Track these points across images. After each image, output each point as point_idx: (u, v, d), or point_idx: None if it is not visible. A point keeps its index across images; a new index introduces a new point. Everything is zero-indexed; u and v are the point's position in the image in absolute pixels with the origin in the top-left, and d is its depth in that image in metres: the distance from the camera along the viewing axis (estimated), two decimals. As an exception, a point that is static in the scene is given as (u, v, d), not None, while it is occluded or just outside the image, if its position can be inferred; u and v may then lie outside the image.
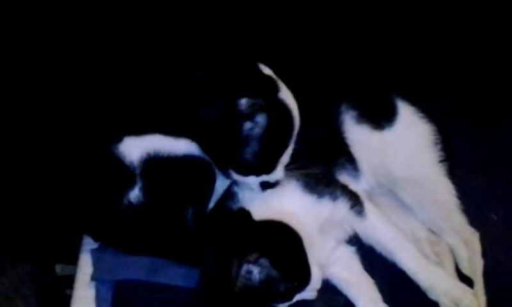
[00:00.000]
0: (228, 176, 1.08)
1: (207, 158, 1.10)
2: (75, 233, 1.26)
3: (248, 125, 1.01)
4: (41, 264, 1.72)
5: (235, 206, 1.08)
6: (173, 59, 1.12)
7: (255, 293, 0.99)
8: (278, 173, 1.06)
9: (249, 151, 1.02)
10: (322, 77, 1.28)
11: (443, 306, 1.06)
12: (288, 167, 1.09)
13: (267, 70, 1.07)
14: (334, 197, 1.11)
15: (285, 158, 1.07)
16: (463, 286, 1.07)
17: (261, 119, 1.01)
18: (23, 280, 1.71)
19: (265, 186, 1.06)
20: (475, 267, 1.14)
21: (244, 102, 0.99)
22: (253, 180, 1.06)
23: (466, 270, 1.15)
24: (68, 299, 1.20)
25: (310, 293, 1.04)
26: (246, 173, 1.05)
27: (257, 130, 1.01)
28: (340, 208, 1.11)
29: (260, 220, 1.04)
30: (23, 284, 1.71)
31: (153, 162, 1.09)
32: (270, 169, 1.05)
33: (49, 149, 1.27)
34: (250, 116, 1.00)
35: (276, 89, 1.04)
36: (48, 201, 1.34)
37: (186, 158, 1.10)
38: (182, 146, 1.10)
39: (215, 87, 1.03)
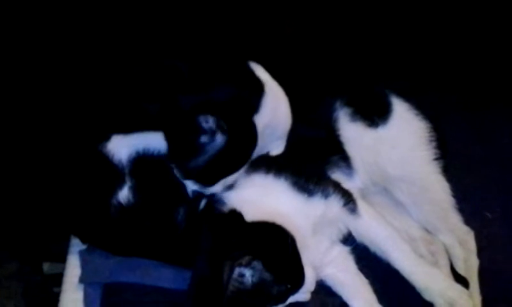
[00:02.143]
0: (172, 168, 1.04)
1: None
2: (63, 231, 1.24)
3: (204, 138, 0.98)
4: (28, 262, 1.70)
5: (226, 208, 1.05)
6: (160, 55, 1.09)
7: (247, 296, 0.97)
8: (216, 188, 1.04)
9: (198, 160, 0.99)
10: (316, 74, 1.26)
11: (438, 306, 1.04)
12: (277, 165, 1.07)
13: (258, 69, 1.05)
14: (326, 195, 1.09)
15: (231, 179, 1.04)
16: (458, 287, 1.06)
17: (220, 139, 0.98)
18: (10, 278, 1.69)
19: (197, 194, 1.05)
20: (470, 266, 1.13)
21: (207, 119, 0.96)
22: (189, 185, 1.04)
23: (461, 270, 1.13)
24: (55, 297, 1.18)
25: (303, 295, 1.03)
26: (185, 176, 1.02)
27: (212, 146, 0.98)
28: (333, 205, 1.09)
29: (251, 222, 1.02)
30: (10, 282, 1.69)
31: (142, 160, 1.07)
32: (209, 183, 1.03)
33: (37, 148, 1.24)
34: (209, 132, 0.97)
35: (256, 104, 1.00)
36: (36, 200, 1.32)
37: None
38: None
39: (202, 80, 1.00)
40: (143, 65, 1.09)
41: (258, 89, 1.01)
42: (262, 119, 1.00)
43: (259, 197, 1.06)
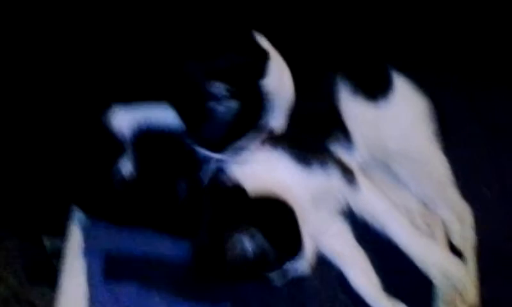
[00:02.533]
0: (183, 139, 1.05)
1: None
2: (63, 205, 1.25)
3: (215, 103, 0.98)
4: (28, 238, 1.71)
5: (227, 180, 1.06)
6: (161, 26, 1.09)
7: (247, 265, 0.99)
8: (229, 154, 1.05)
9: (211, 127, 1.00)
10: (317, 48, 1.26)
11: (434, 278, 1.06)
12: (278, 138, 1.08)
13: (261, 40, 1.05)
14: (326, 168, 1.10)
15: (244, 144, 1.05)
16: (455, 259, 1.07)
17: (232, 105, 0.99)
18: (11, 254, 1.70)
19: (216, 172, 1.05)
20: (467, 240, 1.14)
21: (218, 86, 0.97)
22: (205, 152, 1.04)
23: (458, 243, 1.15)
24: (57, 271, 1.19)
25: (302, 265, 1.04)
26: (201, 144, 1.03)
27: (224, 112, 0.99)
28: (332, 179, 1.10)
29: (252, 193, 1.03)
30: (11, 258, 1.70)
31: (144, 133, 1.07)
32: (222, 149, 1.03)
33: (37, 121, 1.24)
34: (221, 99, 0.98)
35: (262, 70, 1.00)
36: (38, 173, 1.32)
37: (178, 129, 1.08)
38: (173, 116, 1.08)
39: (207, 48, 1.00)
40: (147, 34, 1.09)
41: (263, 55, 1.01)
42: (268, 85, 1.01)
43: (261, 170, 1.07)
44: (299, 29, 1.31)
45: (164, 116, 1.06)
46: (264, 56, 1.00)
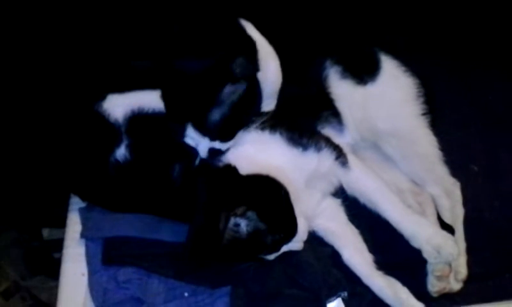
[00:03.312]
0: (179, 131, 1.04)
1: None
2: (62, 196, 1.26)
3: (229, 87, 1.00)
4: (27, 229, 1.72)
5: (221, 162, 1.08)
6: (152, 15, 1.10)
7: (242, 245, 1.01)
8: (231, 143, 1.06)
9: (218, 113, 1.01)
10: (306, 33, 1.27)
11: (425, 253, 1.09)
12: (272, 121, 1.09)
13: (249, 27, 1.06)
14: (318, 149, 1.12)
15: (244, 131, 1.07)
16: (444, 234, 1.09)
17: (241, 86, 1.00)
18: (10, 245, 1.72)
19: (212, 153, 1.05)
20: (456, 215, 1.17)
21: (241, 62, 0.98)
22: (205, 144, 1.04)
23: (447, 219, 1.18)
24: (56, 263, 1.21)
25: (296, 244, 1.07)
26: (205, 132, 1.03)
27: (233, 96, 1.00)
28: (325, 159, 1.12)
29: (246, 175, 1.05)
30: (10, 249, 1.72)
31: (138, 119, 1.09)
32: (229, 137, 1.05)
33: (33, 111, 1.26)
34: (235, 80, 0.99)
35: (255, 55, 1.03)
36: (35, 162, 1.34)
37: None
38: None
39: (198, 41, 1.02)
40: (136, 25, 1.10)
41: (251, 47, 1.03)
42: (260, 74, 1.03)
43: (254, 152, 1.09)
44: (287, 15, 1.32)
45: (157, 101, 1.08)
46: (252, 48, 1.01)
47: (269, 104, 1.11)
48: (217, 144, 1.04)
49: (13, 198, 1.57)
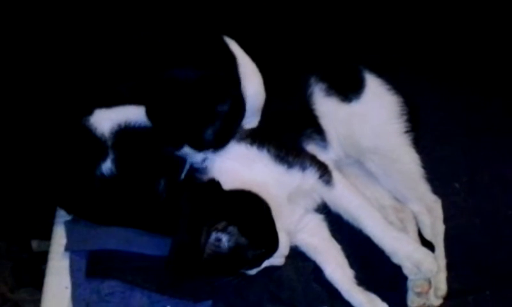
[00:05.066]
0: (176, 148, 1.09)
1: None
2: (49, 208, 1.27)
3: (220, 106, 1.02)
4: (16, 241, 1.72)
5: (205, 177, 1.09)
6: (139, 28, 1.12)
7: (224, 260, 1.02)
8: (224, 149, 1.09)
9: (211, 130, 1.04)
10: (291, 50, 1.29)
11: (405, 269, 1.10)
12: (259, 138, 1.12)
13: (232, 44, 1.08)
14: (303, 168, 1.13)
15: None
16: (425, 250, 1.10)
17: (230, 101, 1.03)
18: (-1, 257, 1.72)
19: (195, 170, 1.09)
20: (436, 232, 1.19)
21: (227, 79, 1.02)
22: (200, 155, 1.08)
23: (428, 236, 1.19)
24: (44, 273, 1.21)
25: (278, 259, 1.08)
26: (202, 149, 1.07)
27: (224, 112, 1.03)
28: (309, 177, 1.13)
29: (229, 190, 1.06)
30: (-1, 261, 1.71)
31: (124, 133, 1.10)
32: (223, 145, 1.08)
33: (20, 124, 1.26)
34: (225, 97, 1.02)
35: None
36: (21, 175, 1.34)
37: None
38: None
39: (181, 58, 1.04)
40: (120, 42, 1.12)
41: (233, 64, 1.05)
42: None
43: (239, 167, 1.10)
44: (272, 32, 1.34)
45: (143, 114, 1.09)
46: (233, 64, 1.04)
47: (252, 120, 1.13)
48: (210, 154, 1.08)
49: (1, 210, 1.57)
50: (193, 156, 1.09)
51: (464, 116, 1.41)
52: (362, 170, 1.24)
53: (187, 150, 1.07)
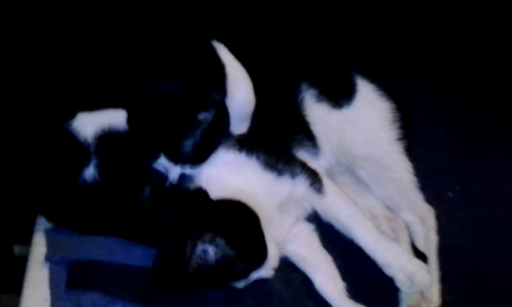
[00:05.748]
0: (149, 160, 1.05)
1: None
2: (31, 213, 1.23)
3: (200, 116, 0.99)
4: (-2, 245, 1.68)
5: (192, 186, 1.06)
6: (123, 35, 1.09)
7: (210, 272, 0.99)
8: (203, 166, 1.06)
9: (190, 142, 1.00)
10: (282, 56, 1.27)
11: (398, 281, 1.07)
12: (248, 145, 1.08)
13: (221, 50, 1.05)
14: (293, 175, 1.10)
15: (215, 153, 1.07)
16: (418, 262, 1.08)
17: (212, 113, 1.00)
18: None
19: (183, 177, 1.05)
20: (429, 243, 1.16)
21: (210, 91, 0.98)
22: (176, 170, 1.04)
23: (421, 246, 1.16)
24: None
25: (267, 271, 1.04)
26: (178, 161, 1.03)
27: (204, 124, 1.00)
28: (300, 185, 1.11)
29: (216, 199, 1.03)
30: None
31: (108, 138, 1.07)
32: (201, 161, 1.05)
33: (0, 128, 1.23)
34: (206, 108, 0.99)
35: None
36: (2, 179, 1.30)
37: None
38: None
39: (167, 65, 1.01)
40: (104, 44, 1.08)
41: (220, 71, 1.02)
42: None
43: (227, 175, 1.07)
44: (262, 37, 1.32)
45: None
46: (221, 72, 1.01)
47: (241, 126, 1.10)
48: (188, 170, 1.03)
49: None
50: (169, 169, 1.05)
51: (458, 123, 1.40)
52: (354, 178, 1.22)
53: (163, 162, 1.03)
